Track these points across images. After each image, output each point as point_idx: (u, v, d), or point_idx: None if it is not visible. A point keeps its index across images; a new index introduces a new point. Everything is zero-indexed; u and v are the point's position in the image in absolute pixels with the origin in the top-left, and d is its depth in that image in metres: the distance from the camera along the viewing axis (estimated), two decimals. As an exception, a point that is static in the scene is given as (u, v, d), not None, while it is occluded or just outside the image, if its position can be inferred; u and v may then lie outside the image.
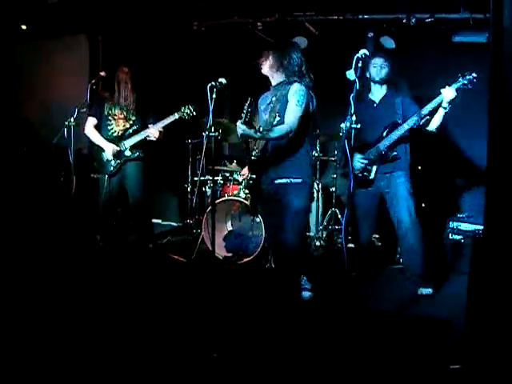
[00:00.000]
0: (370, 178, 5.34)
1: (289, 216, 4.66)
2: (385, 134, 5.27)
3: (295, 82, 4.73)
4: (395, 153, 5.26)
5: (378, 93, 5.46)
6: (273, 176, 4.74)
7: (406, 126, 5.14)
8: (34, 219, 7.26)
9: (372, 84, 5.47)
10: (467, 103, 5.43)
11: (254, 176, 4.91)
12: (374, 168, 5.32)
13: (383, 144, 5.25)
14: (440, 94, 4.92)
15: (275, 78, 4.94)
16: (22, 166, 8.06)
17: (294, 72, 4.80)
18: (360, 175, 5.34)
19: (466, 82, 4.85)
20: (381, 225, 5.87)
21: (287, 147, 4.69)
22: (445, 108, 4.96)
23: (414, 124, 5.11)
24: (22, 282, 5.21)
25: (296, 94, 4.64)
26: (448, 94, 4.88)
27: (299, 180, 4.67)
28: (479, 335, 3.44)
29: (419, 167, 6.44)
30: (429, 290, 5.18)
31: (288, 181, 4.68)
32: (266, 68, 4.95)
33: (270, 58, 4.90)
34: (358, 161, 5.33)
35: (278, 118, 4.61)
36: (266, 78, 5.08)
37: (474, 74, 4.83)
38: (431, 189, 6.75)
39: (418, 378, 3.49)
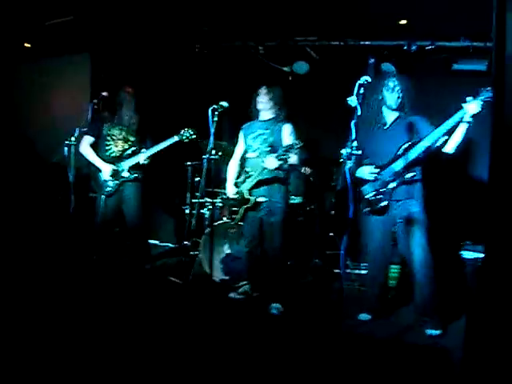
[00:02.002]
0: (383, 203, 5.00)
1: None
2: (400, 153, 4.92)
3: (286, 121, 5.72)
4: (409, 177, 4.89)
5: (390, 115, 5.14)
6: None
7: (425, 144, 4.78)
8: (32, 237, 7.23)
9: (384, 107, 5.15)
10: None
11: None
12: (388, 193, 4.97)
13: (398, 164, 4.92)
14: (462, 108, 4.56)
15: (267, 114, 5.78)
16: (21, 183, 8.05)
17: (283, 110, 5.75)
18: (372, 201, 5.07)
19: (491, 94, 4.31)
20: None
21: None
22: (468, 123, 4.58)
23: (433, 143, 4.75)
24: (19, 300, 5.19)
25: (293, 135, 5.64)
26: (472, 107, 4.49)
27: None
28: (478, 365, 3.42)
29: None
30: (437, 332, 4.80)
31: None
32: (265, 103, 5.75)
33: (271, 94, 5.75)
34: (368, 186, 5.09)
35: (268, 149, 5.60)
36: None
37: None
38: (443, 214, 6.56)
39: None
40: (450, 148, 4.78)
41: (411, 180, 4.94)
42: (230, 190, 5.98)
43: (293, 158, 5.44)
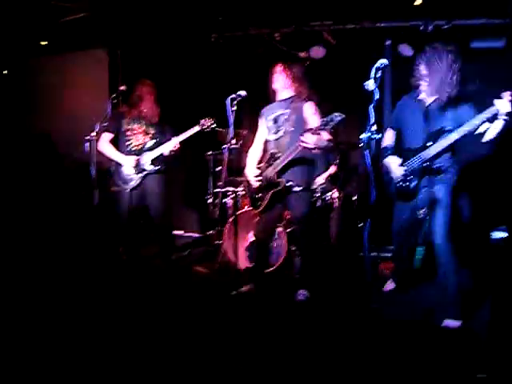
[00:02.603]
0: (411, 188, 4.91)
1: None
2: (431, 142, 4.75)
3: (308, 99, 5.35)
4: (440, 164, 4.76)
5: (430, 98, 4.89)
6: None
7: (455, 136, 4.57)
8: (57, 233, 7.32)
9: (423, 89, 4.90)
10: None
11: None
12: (416, 179, 4.88)
13: (427, 154, 4.75)
14: (494, 104, 4.35)
15: (285, 93, 5.48)
16: (44, 180, 8.13)
17: (306, 87, 5.41)
18: (400, 186, 4.99)
19: None
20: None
21: None
22: (504, 119, 4.34)
23: (465, 134, 4.52)
24: (46, 294, 5.27)
25: (318, 113, 5.28)
26: (502, 106, 4.29)
27: None
28: (503, 343, 3.42)
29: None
30: (456, 323, 4.58)
31: None
32: (283, 82, 5.44)
33: (288, 72, 5.42)
34: (397, 169, 4.98)
35: (292, 128, 5.28)
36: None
37: None
38: (475, 199, 6.48)
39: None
40: (486, 138, 4.54)
41: (439, 167, 4.77)
42: (250, 174, 5.60)
43: (324, 135, 5.04)
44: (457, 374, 3.65)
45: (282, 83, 5.45)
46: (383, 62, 4.11)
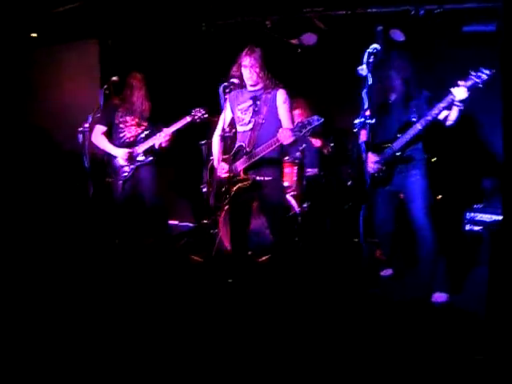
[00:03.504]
0: (386, 176, 5.19)
1: None
2: (399, 133, 5.07)
3: (280, 87, 5.12)
4: (409, 153, 5.08)
5: (394, 93, 5.25)
6: None
7: (418, 126, 4.92)
8: (52, 225, 7.30)
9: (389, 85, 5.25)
10: (486, 91, 4.61)
11: None
12: (390, 169, 5.17)
13: (397, 144, 5.07)
14: (450, 93, 4.64)
15: (257, 80, 5.14)
16: (37, 172, 8.11)
17: (272, 77, 5.17)
18: (376, 175, 5.22)
19: (478, 80, 4.45)
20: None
21: None
22: (458, 106, 4.67)
23: (427, 124, 4.87)
24: (43, 286, 5.27)
25: (288, 101, 5.09)
26: (459, 93, 4.59)
27: None
28: (501, 325, 3.44)
29: (433, 159, 6.25)
30: (443, 297, 4.93)
31: None
32: (253, 74, 5.10)
33: (259, 59, 5.11)
34: (372, 163, 5.21)
35: (262, 121, 5.03)
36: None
37: (486, 71, 4.41)
38: (448, 179, 6.66)
39: (443, 369, 3.50)
40: (448, 122, 4.90)
41: (410, 156, 5.10)
42: (221, 168, 5.31)
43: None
44: (455, 355, 3.67)
45: (252, 71, 5.07)
46: (375, 46, 4.11)
